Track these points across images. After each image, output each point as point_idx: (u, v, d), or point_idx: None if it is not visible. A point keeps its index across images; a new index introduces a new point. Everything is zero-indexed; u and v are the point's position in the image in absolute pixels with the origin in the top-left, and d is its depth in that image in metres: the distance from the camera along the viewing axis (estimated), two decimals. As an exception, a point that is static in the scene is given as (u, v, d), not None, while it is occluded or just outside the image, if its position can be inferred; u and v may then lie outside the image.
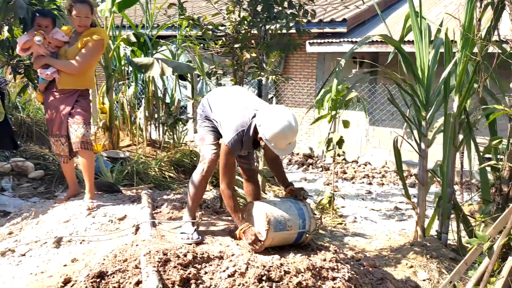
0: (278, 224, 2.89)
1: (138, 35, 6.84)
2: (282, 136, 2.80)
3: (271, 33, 4.17)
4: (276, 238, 2.91)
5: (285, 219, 2.93)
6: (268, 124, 2.81)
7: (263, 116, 2.86)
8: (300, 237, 3.00)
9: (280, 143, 2.83)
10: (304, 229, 2.97)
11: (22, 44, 3.81)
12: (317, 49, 9.22)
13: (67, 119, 3.87)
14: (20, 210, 4.17)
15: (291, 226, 2.93)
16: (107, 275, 2.48)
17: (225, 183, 3.06)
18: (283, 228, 2.91)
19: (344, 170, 8.28)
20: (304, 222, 2.98)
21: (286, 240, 2.99)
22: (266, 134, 2.81)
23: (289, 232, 2.94)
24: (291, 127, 2.81)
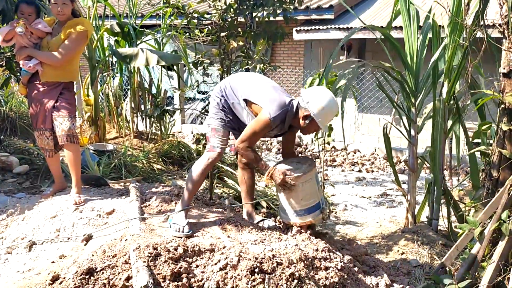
0: (317, 176, 3.15)
1: (122, 25, 6.70)
2: (329, 110, 2.97)
3: (258, 21, 4.10)
4: (308, 183, 3.05)
5: (319, 182, 3.23)
6: (316, 100, 2.94)
7: (309, 94, 2.99)
8: (317, 206, 3.10)
9: (327, 118, 3.01)
10: (323, 204, 3.14)
11: (3, 35, 3.69)
12: (304, 37, 9.15)
13: (52, 112, 3.78)
14: (5, 206, 4.08)
15: (319, 188, 3.16)
16: (96, 271, 2.44)
17: (246, 144, 3.07)
18: (317, 181, 3.14)
19: (334, 158, 8.28)
20: (323, 203, 3.16)
21: (310, 194, 3.08)
22: (315, 109, 2.93)
23: (317, 191, 3.12)
24: (336, 102, 3.03)
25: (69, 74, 3.90)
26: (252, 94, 3.07)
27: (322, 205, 3.13)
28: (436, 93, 4.15)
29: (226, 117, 3.18)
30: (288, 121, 3.06)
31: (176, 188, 4.14)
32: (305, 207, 3.08)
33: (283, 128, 3.14)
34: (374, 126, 9.02)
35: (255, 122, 3.02)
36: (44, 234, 3.23)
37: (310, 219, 3.10)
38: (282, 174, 3.01)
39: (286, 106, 3.00)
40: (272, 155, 8.74)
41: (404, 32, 4.19)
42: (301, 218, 3.10)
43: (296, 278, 2.46)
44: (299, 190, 3.05)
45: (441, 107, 4.06)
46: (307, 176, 3.04)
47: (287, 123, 3.07)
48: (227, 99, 3.17)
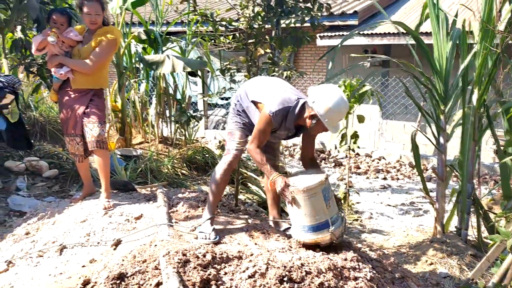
0: (325, 191, 2.89)
1: (149, 32, 6.80)
2: (337, 111, 2.84)
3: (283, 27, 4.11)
4: (312, 198, 2.86)
5: (330, 197, 2.94)
6: (323, 100, 2.82)
7: (316, 93, 2.88)
8: (323, 226, 2.88)
9: (334, 119, 2.87)
10: (333, 226, 2.89)
11: (37, 44, 3.79)
12: (328, 43, 9.12)
13: (82, 118, 3.85)
14: (35, 210, 4.18)
15: (329, 206, 2.91)
16: (127, 277, 2.46)
17: (255, 144, 3.05)
18: (325, 198, 2.89)
19: (358, 165, 8.20)
20: (335, 222, 2.93)
21: (314, 210, 2.89)
22: (320, 109, 2.81)
23: (324, 208, 2.89)
24: (345, 102, 2.87)
25: (99, 81, 3.96)
26: (259, 94, 3.09)
27: (332, 225, 2.89)
28: (465, 100, 4.08)
29: (242, 120, 3.22)
30: (291, 119, 2.97)
31: (202, 194, 4.17)
32: (309, 223, 2.90)
33: (290, 128, 3.04)
34: (399, 133, 8.90)
35: (258, 121, 3.04)
36: (74, 238, 3.28)
37: (315, 238, 2.91)
38: (285, 184, 2.91)
39: (289, 103, 2.94)
40: (295, 162, 8.71)
41: (433, 38, 4.13)
42: (305, 235, 2.94)
43: (325, 288, 2.43)
44: (302, 204, 2.89)
45: (471, 114, 3.99)
46: (310, 191, 2.85)
47: (290, 121, 2.98)
48: (242, 103, 3.21)
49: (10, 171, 5.25)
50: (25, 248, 3.35)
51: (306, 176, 3.03)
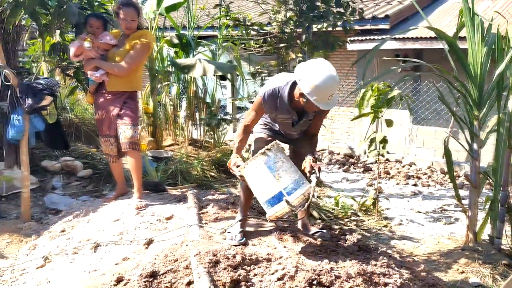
0: (271, 163, 2.76)
1: (181, 36, 6.93)
2: (323, 87, 2.70)
3: (313, 32, 4.12)
4: (256, 172, 2.79)
5: (279, 168, 2.78)
6: (308, 76, 2.71)
7: (302, 70, 2.77)
8: (278, 198, 2.76)
9: (322, 95, 2.72)
10: (289, 195, 2.73)
11: (74, 50, 3.93)
12: (358, 47, 9.04)
13: (116, 120, 3.96)
14: (71, 208, 4.33)
15: (279, 176, 2.76)
16: (159, 275, 2.52)
17: (243, 121, 3.11)
18: (271, 169, 2.76)
19: (388, 171, 8.09)
20: (293, 191, 2.74)
21: (263, 184, 2.80)
22: (306, 87, 2.71)
23: (272, 180, 2.75)
24: (332, 77, 2.71)
25: (133, 84, 4.07)
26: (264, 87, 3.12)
27: (289, 195, 2.73)
28: (500, 106, 3.99)
29: (263, 121, 3.25)
30: (284, 100, 2.91)
31: (231, 196, 4.21)
32: (265, 199, 2.82)
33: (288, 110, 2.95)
34: (430, 138, 8.74)
35: (252, 106, 3.10)
36: (108, 236, 3.38)
37: (274, 213, 2.79)
38: (234, 163, 2.92)
39: (278, 84, 2.92)
40: (323, 166, 8.67)
41: (468, 43, 4.06)
42: (268, 212, 2.83)
43: (355, 293, 2.43)
44: (250, 182, 2.85)
45: (506, 120, 3.90)
46: (251, 166, 2.80)
47: (283, 101, 2.92)
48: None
49: (47, 171, 5.45)
50: (61, 245, 3.47)
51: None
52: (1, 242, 3.85)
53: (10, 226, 4.08)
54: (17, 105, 4.01)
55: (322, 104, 2.77)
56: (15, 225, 4.11)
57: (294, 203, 2.73)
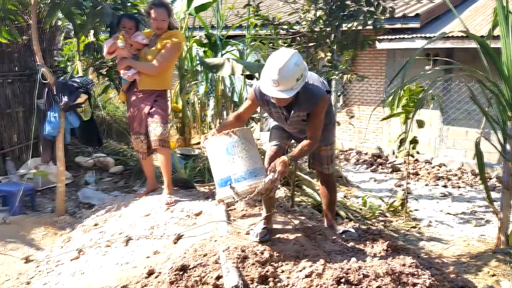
0: (230, 146, 2.76)
1: (210, 36, 7.01)
2: (264, 71, 2.75)
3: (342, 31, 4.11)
4: (213, 151, 2.82)
5: (236, 154, 2.76)
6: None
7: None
8: (225, 183, 2.75)
9: (265, 80, 2.75)
10: (237, 182, 2.71)
11: (108, 48, 4.05)
12: (387, 46, 8.93)
13: (146, 118, 4.06)
14: (103, 203, 4.46)
15: (233, 163, 2.74)
16: (189, 268, 2.58)
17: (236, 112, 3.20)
18: (228, 152, 2.75)
19: (417, 172, 7.97)
20: (241, 180, 2.72)
21: (216, 164, 2.82)
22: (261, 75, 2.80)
23: (225, 163, 2.75)
24: (274, 62, 2.69)
25: (163, 82, 4.16)
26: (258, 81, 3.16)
27: (236, 182, 2.71)
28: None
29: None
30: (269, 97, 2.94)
31: (259, 194, 4.24)
32: (216, 178, 2.84)
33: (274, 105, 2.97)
34: (461, 139, 8.56)
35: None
36: (139, 230, 3.47)
37: (218, 195, 2.82)
38: (204, 137, 2.97)
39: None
40: (350, 166, 8.62)
41: (501, 42, 3.97)
42: (216, 192, 2.86)
43: (383, 292, 2.42)
44: (209, 156, 2.89)
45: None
46: (211, 141, 2.83)
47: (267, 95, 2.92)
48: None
49: (80, 166, 5.62)
50: (94, 238, 3.59)
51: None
52: (37, 235, 4.01)
53: (45, 219, 4.25)
54: (54, 103, 4.15)
55: (265, 89, 2.77)
56: (50, 218, 4.27)
57: (239, 191, 2.69)
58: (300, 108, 2.97)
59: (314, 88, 2.97)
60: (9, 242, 3.84)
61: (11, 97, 5.38)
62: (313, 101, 2.93)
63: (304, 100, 2.93)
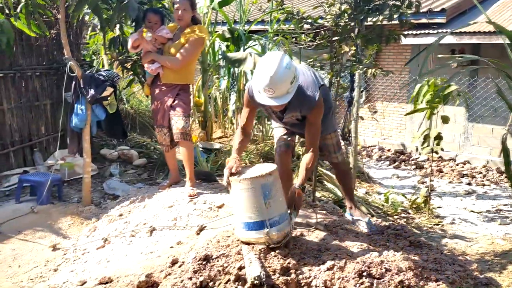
0: (268, 190, 2.62)
1: (232, 31, 7.03)
2: (256, 77, 2.67)
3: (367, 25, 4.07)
4: (248, 192, 2.63)
5: (273, 197, 2.64)
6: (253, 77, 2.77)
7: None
8: (258, 226, 2.63)
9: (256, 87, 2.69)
10: (272, 227, 2.62)
11: (133, 42, 4.11)
12: (412, 41, 8.80)
13: (169, 111, 4.11)
14: (127, 194, 4.55)
15: (269, 205, 2.63)
16: (212, 259, 2.62)
17: (240, 126, 3.13)
18: (264, 195, 2.61)
19: (440, 169, 7.85)
20: (276, 225, 2.64)
21: (249, 206, 2.65)
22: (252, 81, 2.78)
23: (262, 207, 2.62)
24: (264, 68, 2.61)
25: (186, 76, 4.20)
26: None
27: (271, 227, 2.61)
28: None
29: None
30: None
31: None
32: (245, 220, 2.68)
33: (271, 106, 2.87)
34: (486, 136, 8.39)
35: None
36: (162, 221, 3.53)
37: (248, 237, 2.68)
38: (229, 168, 2.75)
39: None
40: (372, 162, 8.56)
41: (531, 36, 3.87)
42: (240, 232, 2.73)
43: (406, 286, 2.42)
44: (237, 197, 2.69)
45: None
46: (245, 183, 2.62)
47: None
48: None
49: (105, 158, 5.74)
50: (119, 228, 3.66)
51: (261, 168, 2.78)
52: (64, 224, 4.12)
53: (72, 209, 4.35)
54: (81, 95, 4.24)
55: (260, 99, 2.71)
56: (77, 208, 4.38)
57: (274, 237, 2.63)
58: (294, 110, 2.95)
59: (308, 92, 2.89)
60: (37, 230, 3.96)
61: (39, 90, 5.52)
62: (307, 106, 2.90)
63: (298, 104, 2.90)
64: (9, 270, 3.43)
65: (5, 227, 3.94)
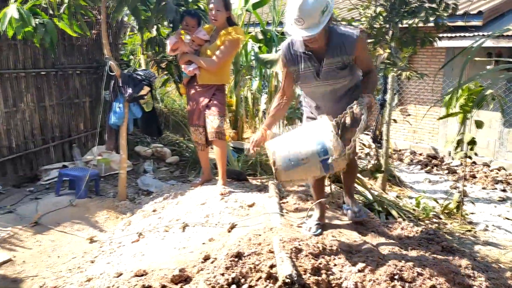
0: (289, 162, 2.64)
1: (265, 32, 7.09)
2: (287, 12, 2.62)
3: (402, 27, 4.05)
4: (291, 175, 2.68)
5: (297, 153, 2.63)
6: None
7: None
8: (327, 167, 2.61)
9: (288, 21, 2.63)
10: (326, 155, 2.57)
11: (171, 45, 4.20)
12: (447, 44, 8.64)
13: (205, 110, 4.19)
14: (161, 190, 4.67)
15: (306, 158, 2.61)
16: (244, 256, 2.67)
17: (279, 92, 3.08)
18: (296, 164, 2.63)
19: (474, 174, 7.69)
20: (324, 148, 2.58)
21: (307, 173, 2.68)
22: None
23: (306, 165, 2.62)
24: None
25: (222, 77, 4.27)
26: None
27: (326, 154, 2.58)
28: None
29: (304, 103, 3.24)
30: (296, 45, 2.86)
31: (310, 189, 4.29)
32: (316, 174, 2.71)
33: (304, 57, 2.85)
34: (523, 143, 8.17)
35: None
36: (195, 218, 3.62)
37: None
38: (252, 141, 3.03)
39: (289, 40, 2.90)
40: (403, 166, 8.45)
41: None
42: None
43: (437, 291, 2.41)
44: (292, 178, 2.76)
45: None
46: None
47: (295, 47, 2.86)
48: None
49: (139, 155, 5.90)
50: (153, 223, 3.77)
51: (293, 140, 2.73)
52: (100, 217, 4.27)
53: (108, 204, 4.51)
54: (119, 94, 4.39)
55: (292, 32, 2.64)
56: (112, 203, 4.53)
57: (338, 154, 2.57)
58: (335, 53, 2.80)
59: (346, 29, 2.83)
60: (76, 223, 4.12)
61: (79, 88, 5.73)
62: (349, 40, 2.77)
63: (339, 42, 2.78)
64: (49, 260, 3.58)
65: (45, 219, 4.12)
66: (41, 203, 4.41)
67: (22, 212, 4.25)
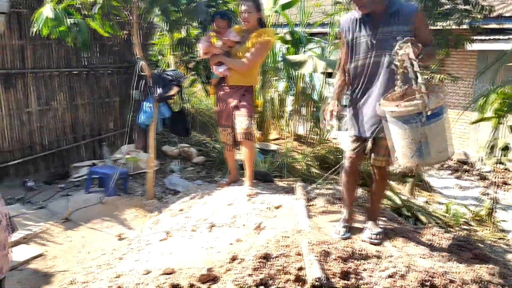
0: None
1: (293, 33, 7.07)
2: None
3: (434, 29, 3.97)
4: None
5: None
6: None
7: None
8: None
9: None
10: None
11: (204, 49, 4.21)
12: (479, 47, 8.42)
13: (234, 111, 4.20)
14: (188, 190, 4.70)
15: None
16: (272, 258, 2.66)
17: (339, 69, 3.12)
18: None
19: (506, 181, 7.47)
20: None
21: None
22: None
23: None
24: None
25: (251, 79, 4.27)
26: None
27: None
28: None
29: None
30: (354, 15, 2.88)
31: (338, 192, 4.24)
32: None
33: (360, 24, 2.84)
34: (558, 149, 7.88)
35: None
36: (222, 218, 3.63)
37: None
38: (330, 112, 3.03)
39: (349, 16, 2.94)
40: (433, 171, 8.28)
41: None
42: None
43: (470, 299, 2.35)
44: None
45: None
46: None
47: (354, 16, 2.88)
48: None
49: (166, 155, 5.96)
50: (180, 222, 3.80)
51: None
52: (128, 215, 4.33)
53: (136, 202, 4.57)
54: (149, 94, 4.44)
55: None
56: (140, 201, 4.60)
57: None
58: (392, 21, 2.76)
59: (405, 2, 2.85)
60: (105, 220, 4.20)
61: (110, 87, 5.83)
62: (407, 10, 2.74)
63: (397, 11, 2.75)
64: (79, 255, 3.66)
65: (76, 215, 4.21)
66: (71, 200, 4.51)
67: (54, 208, 4.36)
